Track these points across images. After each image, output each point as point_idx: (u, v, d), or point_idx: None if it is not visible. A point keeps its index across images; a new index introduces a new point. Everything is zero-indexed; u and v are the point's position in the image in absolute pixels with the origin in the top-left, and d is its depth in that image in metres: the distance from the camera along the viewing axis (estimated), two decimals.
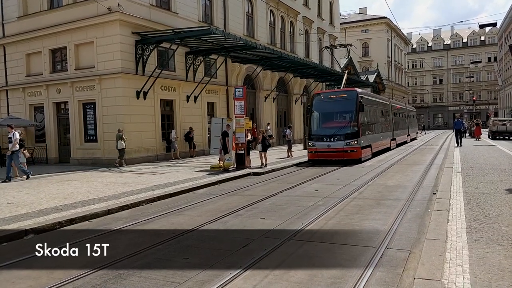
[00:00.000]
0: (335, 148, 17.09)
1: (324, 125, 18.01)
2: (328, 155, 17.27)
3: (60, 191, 11.38)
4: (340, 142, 17.04)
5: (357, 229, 6.73)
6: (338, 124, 17.69)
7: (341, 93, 18.82)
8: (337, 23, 45.18)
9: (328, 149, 17.23)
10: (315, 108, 18.37)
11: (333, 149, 17.13)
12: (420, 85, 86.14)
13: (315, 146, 17.60)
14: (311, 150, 17.88)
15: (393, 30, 66.47)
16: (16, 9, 21.51)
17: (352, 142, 17.00)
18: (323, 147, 17.34)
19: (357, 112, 17.43)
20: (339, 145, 17.02)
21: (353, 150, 16.95)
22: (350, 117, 17.61)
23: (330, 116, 18.24)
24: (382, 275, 4.68)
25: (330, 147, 17.17)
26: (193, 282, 4.70)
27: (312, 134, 17.99)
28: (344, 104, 17.89)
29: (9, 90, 22.29)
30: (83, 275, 5.04)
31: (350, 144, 16.96)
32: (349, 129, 17.34)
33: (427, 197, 9.25)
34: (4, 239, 6.77)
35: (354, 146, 16.98)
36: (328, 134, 17.34)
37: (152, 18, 19.68)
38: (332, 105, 18.13)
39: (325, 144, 17.32)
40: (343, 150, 16.96)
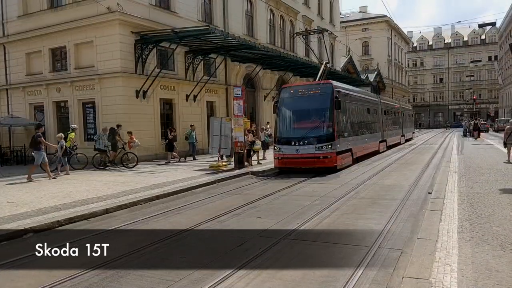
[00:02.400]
0: (305, 154, 14.21)
1: (292, 126, 15.21)
2: (297, 163, 14.49)
3: (59, 190, 11.49)
4: (311, 147, 14.18)
5: (351, 228, 6.83)
6: (309, 124, 14.69)
7: (313, 87, 15.56)
8: (337, 22, 45.22)
9: (297, 155, 14.32)
10: (283, 105, 15.40)
11: (303, 155, 14.24)
12: (421, 84, 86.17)
13: (281, 151, 14.69)
14: (276, 155, 14.96)
15: (393, 29, 66.51)
16: (16, 8, 21.59)
17: (326, 146, 14.16)
18: (290, 153, 14.46)
19: (332, 110, 14.49)
20: (310, 150, 14.16)
21: (327, 156, 14.12)
22: (323, 116, 14.65)
23: (300, 114, 15.27)
24: (373, 274, 4.78)
25: (299, 153, 14.26)
26: (188, 281, 4.80)
27: (279, 137, 15.10)
28: (317, 100, 14.89)
29: (10, 89, 22.40)
30: (81, 274, 5.15)
31: (322, 149, 14.11)
32: (322, 130, 14.44)
33: (422, 197, 9.35)
34: (3, 238, 6.87)
35: (327, 152, 14.15)
36: (296, 137, 14.50)
37: (151, 17, 19.77)
38: (302, 101, 15.15)
39: (293, 149, 14.42)
40: (314, 156, 14.10)
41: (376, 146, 21.26)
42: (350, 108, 17.04)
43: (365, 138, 18.99)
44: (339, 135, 14.76)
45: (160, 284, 4.73)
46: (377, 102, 23.28)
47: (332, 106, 14.48)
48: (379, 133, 22.29)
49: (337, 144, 14.48)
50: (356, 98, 18.70)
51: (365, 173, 13.97)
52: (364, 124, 19.53)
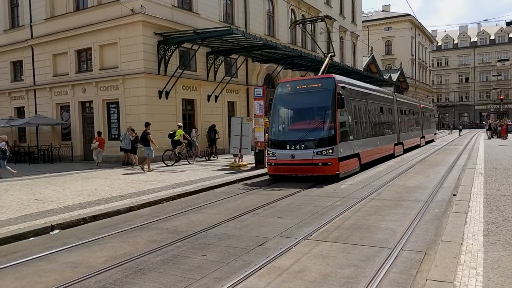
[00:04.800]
0: (301, 159, 12.39)
1: (287, 127, 13.67)
2: (292, 170, 12.69)
3: (84, 188, 11.77)
4: (308, 152, 12.31)
5: (373, 230, 6.75)
6: (306, 125, 12.87)
7: (313, 82, 13.55)
8: (359, 21, 44.75)
9: (292, 161, 12.49)
10: (278, 103, 13.67)
11: (298, 161, 12.42)
12: (445, 83, 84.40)
13: (275, 156, 12.91)
14: (270, 161, 13.22)
15: (417, 28, 65.38)
16: (43, 11, 22.21)
17: (325, 151, 12.21)
18: (285, 158, 12.63)
19: (334, 108, 12.51)
20: (306, 156, 12.30)
21: (327, 163, 12.22)
22: (323, 116, 12.72)
23: (296, 113, 13.65)
24: (395, 276, 4.72)
25: (295, 159, 12.42)
26: (209, 279, 4.85)
27: (272, 139, 13.39)
28: (316, 96, 13.03)
29: (37, 90, 23.06)
30: (105, 270, 5.26)
31: (322, 155, 12.21)
32: (321, 132, 12.48)
33: (447, 199, 9.16)
34: (31, 234, 7.10)
35: (327, 157, 12.21)
36: (292, 140, 12.68)
37: (174, 19, 20.01)
38: (299, 99, 13.30)
39: (288, 153, 12.57)
40: (312, 162, 12.25)
41: (390, 149, 19.27)
42: (358, 106, 15.08)
43: (377, 141, 16.96)
44: (342, 138, 12.83)
45: (182, 282, 4.78)
46: (392, 100, 21.14)
47: (334, 104, 12.52)
48: (394, 135, 20.24)
49: (340, 148, 12.52)
50: (366, 95, 16.47)
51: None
52: (376, 124, 17.48)
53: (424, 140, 29.11)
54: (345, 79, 14.43)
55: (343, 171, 12.80)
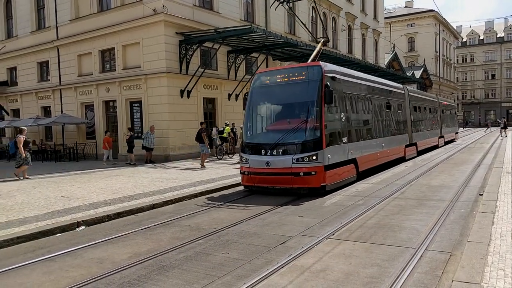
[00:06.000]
0: (278, 168, 10.03)
1: (263, 128, 11.45)
2: (267, 180, 10.31)
3: (108, 185, 12.00)
4: (286, 158, 9.97)
5: (396, 229, 6.65)
6: (286, 125, 10.48)
7: (296, 72, 11.04)
8: (381, 17, 44.13)
9: (267, 170, 10.13)
10: (254, 97, 11.34)
11: (275, 169, 10.06)
12: (471, 80, 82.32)
13: (248, 163, 10.59)
14: (243, 169, 10.86)
15: (441, 24, 64.03)
16: (68, 12, 22.72)
17: (308, 157, 9.86)
18: (259, 166, 10.27)
19: (321, 104, 10.11)
20: (285, 163, 9.95)
21: (309, 173, 9.88)
22: (306, 113, 10.38)
23: (275, 111, 11.38)
24: (420, 277, 4.64)
25: (270, 167, 10.06)
26: (232, 276, 4.87)
27: (245, 142, 11.07)
28: (299, 90, 10.73)
29: (63, 89, 23.62)
30: (129, 266, 5.36)
31: (303, 162, 9.86)
32: (303, 134, 10.14)
33: (473, 198, 8.95)
34: (58, 230, 7.28)
35: (310, 165, 9.85)
36: (268, 143, 10.35)
37: (195, 18, 20.16)
38: (280, 92, 11.11)
39: (262, 160, 10.20)
40: (290, 172, 9.91)
41: (400, 151, 16.92)
42: (356, 101, 12.67)
43: (382, 143, 14.46)
44: (331, 140, 10.49)
45: (205, 279, 4.82)
46: (403, 95, 18.44)
47: (319, 98, 10.11)
48: (404, 135, 17.76)
49: (327, 154, 10.10)
50: (367, 88, 13.90)
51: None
52: (381, 123, 14.93)
53: (443, 140, 26.69)
54: (338, 68, 11.87)
55: (331, 182, 10.36)
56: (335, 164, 10.60)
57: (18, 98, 26.71)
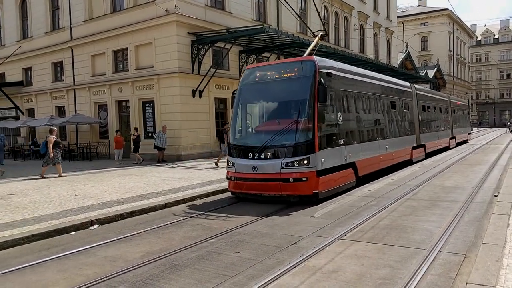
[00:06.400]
0: (266, 173, 9.12)
1: (251, 129, 10.64)
2: (255, 187, 9.42)
3: (121, 185, 12.12)
4: (275, 163, 9.06)
5: (409, 230, 6.59)
6: (276, 126, 9.57)
7: (287, 68, 10.09)
8: (394, 17, 43.75)
9: (254, 175, 9.24)
10: (242, 95, 10.42)
11: (262, 175, 9.16)
12: (485, 80, 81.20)
13: (234, 167, 9.69)
14: (229, 174, 9.96)
15: (455, 22, 63.24)
16: (82, 13, 22.99)
17: (298, 162, 8.96)
18: (246, 171, 9.39)
19: (313, 103, 9.21)
20: (273, 168, 9.06)
21: (300, 179, 8.98)
22: (298, 113, 9.45)
23: (265, 110, 10.49)
24: (434, 279, 4.59)
25: (257, 172, 9.17)
26: (243, 276, 4.89)
27: (232, 145, 10.15)
28: (290, 87, 9.85)
29: (76, 89, 23.91)
30: (142, 265, 5.41)
31: (293, 167, 8.96)
32: (293, 135, 9.19)
33: (488, 199, 8.83)
34: (72, 228, 7.38)
35: (301, 170, 8.98)
36: (255, 146, 9.46)
37: (207, 18, 20.24)
38: (269, 90, 10.18)
39: (248, 164, 9.32)
40: (279, 178, 9.01)
41: (407, 153, 15.87)
42: (355, 100, 11.69)
43: (385, 145, 13.48)
44: (325, 142, 9.58)
45: (217, 278, 4.84)
46: (410, 93, 17.34)
47: (312, 96, 9.21)
48: (411, 136, 16.67)
49: (320, 157, 9.18)
50: (369, 85, 12.88)
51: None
52: (384, 124, 13.90)
53: (455, 141, 25.38)
54: (334, 63, 10.91)
55: (325, 188, 9.40)
56: (330, 169, 9.66)
57: (33, 98, 27.12)
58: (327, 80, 9.69)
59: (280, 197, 9.22)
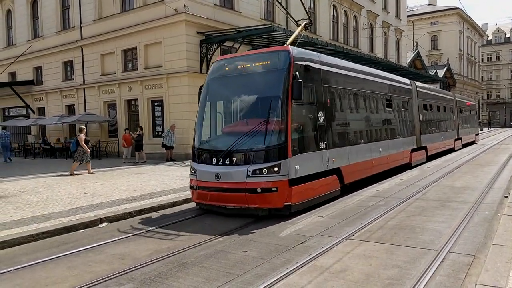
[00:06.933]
0: (230, 182, 7.90)
1: (216, 129, 9.38)
2: (218, 198, 8.16)
3: (130, 183, 12.20)
4: (240, 170, 7.82)
5: (418, 231, 6.55)
6: (243, 127, 8.36)
7: (259, 59, 8.83)
8: (404, 16, 43.42)
9: (217, 184, 7.99)
10: (210, 91, 9.19)
11: (226, 184, 7.92)
12: (496, 79, 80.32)
13: (196, 174, 8.46)
14: (192, 183, 8.65)
15: (466, 21, 62.60)
16: (92, 13, 23.16)
17: (268, 169, 7.67)
18: (208, 179, 8.15)
19: (287, 100, 7.95)
20: (238, 176, 7.82)
21: (269, 189, 7.68)
22: (268, 112, 8.14)
23: (234, 108, 9.25)
24: (443, 279, 4.56)
25: (221, 180, 7.94)
26: (251, 275, 4.89)
27: (196, 148, 8.90)
28: (261, 81, 8.63)
29: (86, 88, 24.10)
30: (150, 263, 5.44)
31: (261, 175, 7.68)
32: (262, 138, 7.92)
33: (498, 200, 8.74)
34: (82, 226, 7.45)
35: (271, 179, 7.67)
36: (218, 150, 8.32)
37: (216, 17, 20.27)
38: (239, 85, 8.97)
39: (211, 171, 8.09)
40: (245, 188, 7.73)
41: (405, 157, 14.55)
42: (340, 97, 10.36)
43: (379, 148, 12.16)
44: (301, 146, 8.32)
45: (224, 277, 4.86)
46: (409, 90, 16.00)
47: (285, 92, 7.97)
48: (411, 138, 15.38)
49: (294, 164, 7.91)
50: (358, 81, 11.56)
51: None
52: (377, 124, 12.67)
53: (461, 142, 24.00)
54: (315, 55, 9.54)
55: (300, 200, 8.11)
56: (307, 177, 8.41)
57: (43, 96, 27.39)
58: (305, 74, 8.49)
59: (248, 210, 7.92)
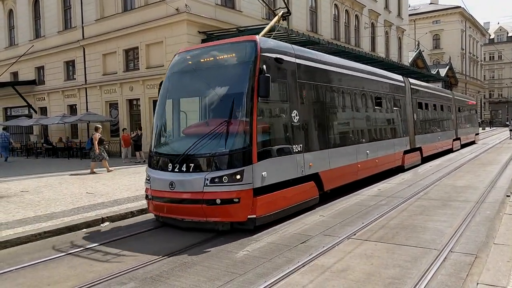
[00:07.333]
0: (185, 192, 6.91)
1: (172, 130, 8.33)
2: (174, 210, 7.13)
3: (131, 183, 12.21)
4: (196, 178, 6.80)
5: (419, 230, 6.55)
6: (203, 128, 7.36)
7: (223, 51, 7.86)
8: (406, 15, 43.32)
9: (172, 194, 6.98)
10: (170, 87, 8.27)
11: (181, 194, 6.94)
12: (498, 78, 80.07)
13: (150, 182, 7.44)
14: (147, 192, 7.61)
15: (468, 20, 62.43)
16: (94, 12, 23.19)
17: (228, 176, 6.68)
18: (162, 188, 7.12)
19: (252, 97, 6.93)
20: (194, 185, 6.80)
21: (231, 200, 6.66)
22: (230, 111, 7.09)
23: (194, 107, 8.21)
24: (444, 279, 4.56)
25: (175, 190, 6.92)
26: (253, 274, 4.90)
27: (152, 152, 7.86)
28: (224, 76, 7.64)
29: (88, 88, 24.14)
30: (152, 262, 5.46)
31: (221, 184, 6.68)
32: (223, 141, 6.93)
33: (500, 199, 8.73)
34: (84, 225, 7.48)
35: (232, 189, 6.67)
36: (174, 154, 7.32)
37: (217, 17, 20.27)
38: (201, 81, 7.80)
39: (165, 179, 7.08)
40: (202, 199, 6.69)
41: (397, 159, 13.55)
42: (318, 94, 9.34)
43: (366, 150, 11.12)
44: (270, 149, 7.28)
45: (226, 276, 4.87)
46: (402, 88, 14.93)
47: (250, 89, 6.94)
48: (403, 139, 14.21)
49: (260, 170, 6.89)
50: (339, 76, 10.47)
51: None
52: (364, 124, 11.59)
53: (459, 142, 22.97)
54: (289, 46, 8.46)
55: (267, 211, 7.06)
56: (278, 184, 7.40)
57: (45, 96, 27.44)
58: (276, 67, 7.54)
59: (207, 224, 6.88)
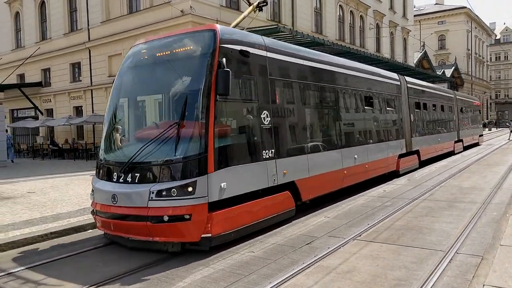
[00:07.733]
0: (128, 207, 5.85)
1: (119, 134, 7.07)
2: (117, 227, 6.10)
3: None
4: (140, 191, 5.78)
5: (425, 231, 6.52)
6: (153, 132, 6.30)
7: (179, 43, 6.74)
8: (411, 15, 43.18)
9: (115, 209, 5.96)
10: (121, 84, 7.53)
11: (123, 209, 5.88)
12: (505, 79, 79.57)
13: (94, 195, 6.56)
14: (92, 205, 6.63)
15: (473, 21, 62.13)
16: (100, 14, 23.32)
17: (177, 189, 5.62)
18: (105, 201, 6.15)
19: (208, 96, 5.94)
20: (137, 199, 5.77)
21: (181, 217, 5.56)
22: (183, 111, 6.03)
23: (147, 107, 7.60)
24: (450, 280, 4.54)
25: (118, 204, 5.90)
26: (257, 275, 4.90)
27: (99, 159, 6.92)
28: (179, 72, 6.48)
29: (94, 90, 24.27)
30: (157, 263, 5.47)
31: (169, 197, 5.61)
32: (172, 146, 5.84)
33: (506, 201, 8.67)
34: (90, 226, 7.51)
35: (182, 204, 5.60)
36: (118, 162, 6.40)
37: (222, 18, 20.27)
38: (155, 77, 7.05)
39: (108, 190, 6.14)
40: (147, 215, 5.62)
41: (391, 164, 12.50)
42: (296, 92, 8.38)
43: (354, 155, 10.04)
44: (230, 156, 6.26)
45: (231, 277, 4.87)
46: (397, 86, 14.03)
47: (206, 86, 5.99)
48: (398, 141, 13.23)
49: (218, 180, 5.90)
50: (321, 73, 9.48)
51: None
52: (352, 126, 10.64)
53: (462, 144, 21.90)
54: (257, 38, 7.83)
55: (226, 229, 6.05)
56: (241, 197, 6.40)
57: (51, 98, 27.61)
58: (241, 61, 6.63)
59: (155, 244, 5.88)
